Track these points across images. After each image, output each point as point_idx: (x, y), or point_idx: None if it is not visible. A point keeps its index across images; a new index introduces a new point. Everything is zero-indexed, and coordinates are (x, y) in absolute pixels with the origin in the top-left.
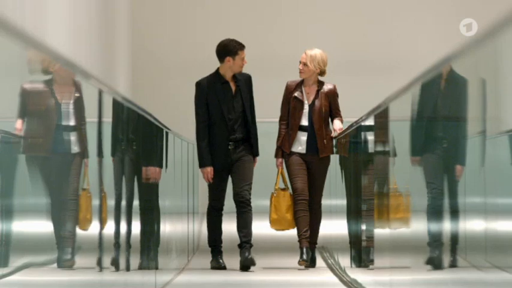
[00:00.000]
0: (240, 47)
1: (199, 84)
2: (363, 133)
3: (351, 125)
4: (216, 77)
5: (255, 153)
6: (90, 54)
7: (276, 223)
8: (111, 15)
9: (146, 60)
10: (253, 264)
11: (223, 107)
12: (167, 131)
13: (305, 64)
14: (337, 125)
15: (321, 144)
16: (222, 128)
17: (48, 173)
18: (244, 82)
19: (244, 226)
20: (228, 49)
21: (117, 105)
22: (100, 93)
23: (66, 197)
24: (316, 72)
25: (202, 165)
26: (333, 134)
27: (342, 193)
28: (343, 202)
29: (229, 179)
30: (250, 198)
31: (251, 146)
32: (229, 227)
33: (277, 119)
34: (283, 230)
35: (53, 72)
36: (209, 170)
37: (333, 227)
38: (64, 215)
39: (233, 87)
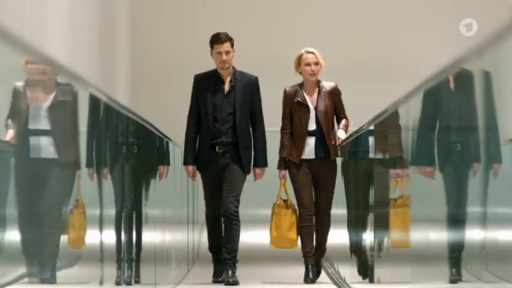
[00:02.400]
0: (215, 39)
1: (194, 78)
2: (368, 138)
3: (357, 131)
4: (213, 72)
5: (261, 164)
6: (90, 55)
7: (276, 241)
8: (111, 15)
9: (146, 61)
10: (236, 284)
11: (209, 105)
12: (167, 140)
13: (316, 63)
14: (341, 135)
15: (331, 147)
16: (207, 128)
17: (19, 180)
18: (245, 84)
19: (228, 241)
20: (210, 41)
21: (113, 112)
22: (93, 98)
23: (42, 210)
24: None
25: (184, 163)
26: (338, 143)
27: (342, 201)
28: (343, 211)
29: None
30: (237, 211)
31: (246, 158)
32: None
33: (273, 128)
34: (283, 248)
35: (28, 72)
36: (190, 168)
37: (334, 236)
38: (35, 230)
39: (227, 86)
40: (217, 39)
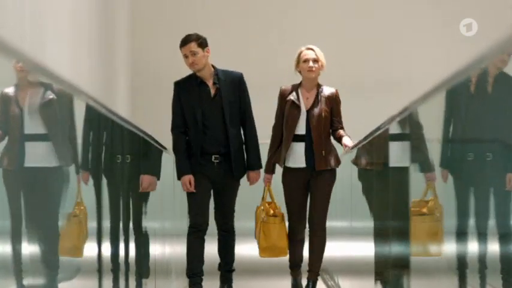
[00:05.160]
0: (180, 42)
1: (175, 85)
2: (390, 143)
3: (372, 132)
4: (193, 75)
5: (255, 165)
6: (89, 66)
7: (265, 251)
8: (111, 25)
9: (146, 71)
10: None
11: (197, 111)
12: (163, 150)
13: (316, 60)
14: (347, 142)
15: (318, 156)
16: (198, 137)
17: (11, 189)
18: (230, 83)
19: (226, 255)
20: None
21: (109, 121)
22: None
23: (33, 220)
24: (322, 70)
25: (179, 175)
26: (345, 151)
27: (343, 213)
28: (342, 223)
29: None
30: (234, 226)
31: (238, 163)
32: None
33: (266, 140)
34: (273, 257)
35: (18, 74)
36: (187, 178)
37: (334, 248)
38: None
39: (212, 89)
40: (180, 43)
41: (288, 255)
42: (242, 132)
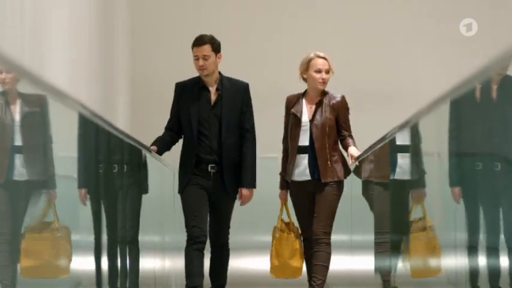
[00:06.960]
0: (194, 42)
1: (176, 86)
2: (392, 155)
3: (375, 144)
4: (196, 79)
5: (248, 183)
6: (89, 81)
7: (276, 270)
8: (111, 33)
9: (146, 83)
10: None
11: (194, 118)
12: (162, 163)
13: (328, 72)
14: (354, 152)
15: (323, 167)
16: (192, 144)
17: None
18: (234, 92)
19: (217, 272)
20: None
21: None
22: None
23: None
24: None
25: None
26: (351, 162)
27: (342, 226)
28: (342, 237)
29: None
30: (228, 242)
31: (231, 176)
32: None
33: (272, 154)
34: (285, 278)
35: (7, 84)
36: (153, 148)
37: (333, 262)
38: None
39: (213, 96)
40: (194, 42)
41: (301, 277)
42: (240, 145)
